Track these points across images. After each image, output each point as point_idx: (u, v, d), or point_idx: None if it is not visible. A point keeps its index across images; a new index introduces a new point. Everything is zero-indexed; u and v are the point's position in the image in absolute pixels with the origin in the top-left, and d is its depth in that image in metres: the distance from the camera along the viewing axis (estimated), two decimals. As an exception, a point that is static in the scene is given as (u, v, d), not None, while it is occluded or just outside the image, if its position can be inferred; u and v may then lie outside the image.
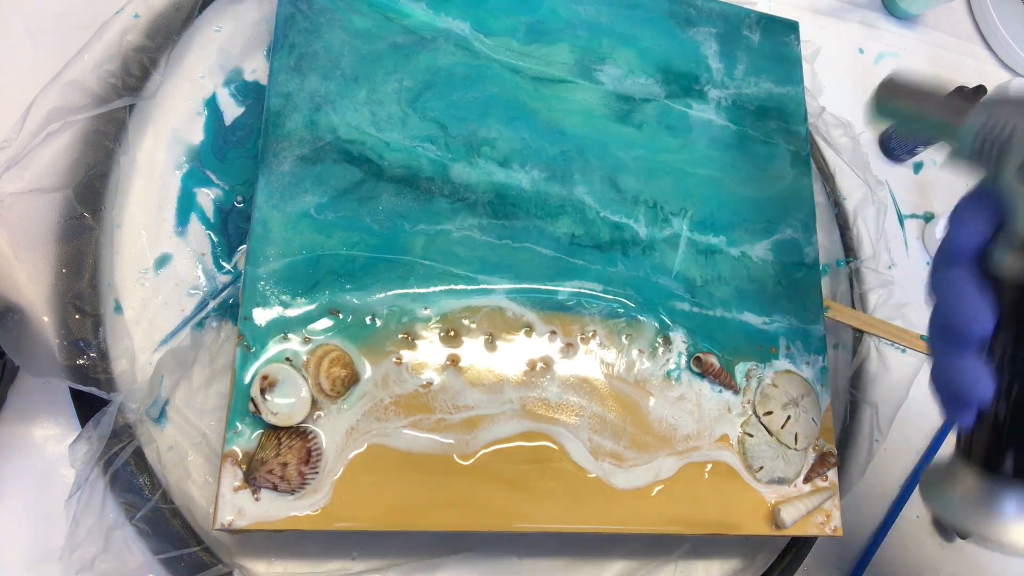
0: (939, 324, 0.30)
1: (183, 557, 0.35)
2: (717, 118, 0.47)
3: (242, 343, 0.35)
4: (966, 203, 0.29)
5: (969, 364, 0.28)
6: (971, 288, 0.28)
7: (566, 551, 0.41)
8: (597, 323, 0.40)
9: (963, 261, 0.29)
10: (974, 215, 0.29)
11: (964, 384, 0.29)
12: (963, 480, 0.30)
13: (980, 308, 0.28)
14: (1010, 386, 0.28)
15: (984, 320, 0.28)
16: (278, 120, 0.39)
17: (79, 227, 0.37)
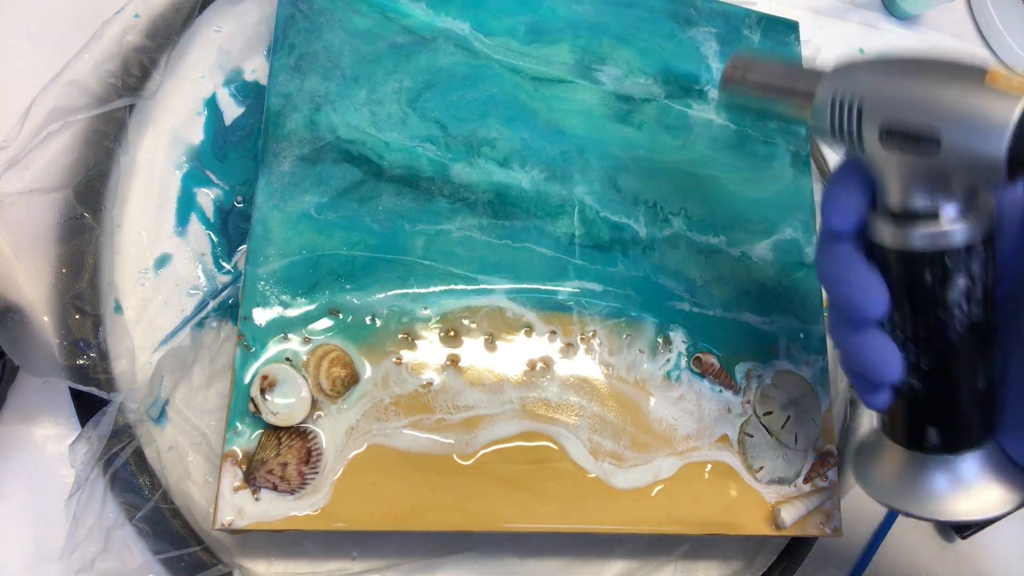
0: (835, 307, 0.29)
1: (183, 557, 0.35)
2: (717, 118, 0.47)
3: (242, 343, 0.35)
4: (837, 179, 0.28)
5: (873, 344, 0.28)
6: (859, 265, 0.27)
7: (566, 551, 0.41)
8: (597, 323, 0.40)
9: (845, 239, 0.28)
10: (847, 191, 0.27)
11: (872, 365, 0.28)
12: (889, 458, 0.30)
13: (872, 285, 0.27)
14: (918, 360, 0.28)
15: (878, 296, 0.27)
16: (278, 120, 0.39)
17: (79, 227, 0.37)
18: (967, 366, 0.27)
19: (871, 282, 0.27)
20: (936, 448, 0.28)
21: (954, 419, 0.28)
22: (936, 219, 0.25)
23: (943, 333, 0.27)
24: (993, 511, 0.28)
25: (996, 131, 0.23)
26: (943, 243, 0.25)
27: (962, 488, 0.28)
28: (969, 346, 0.27)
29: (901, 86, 0.25)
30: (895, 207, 0.26)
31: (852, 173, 0.27)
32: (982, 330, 0.27)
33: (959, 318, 0.26)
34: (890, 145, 0.25)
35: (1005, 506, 0.28)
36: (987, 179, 0.24)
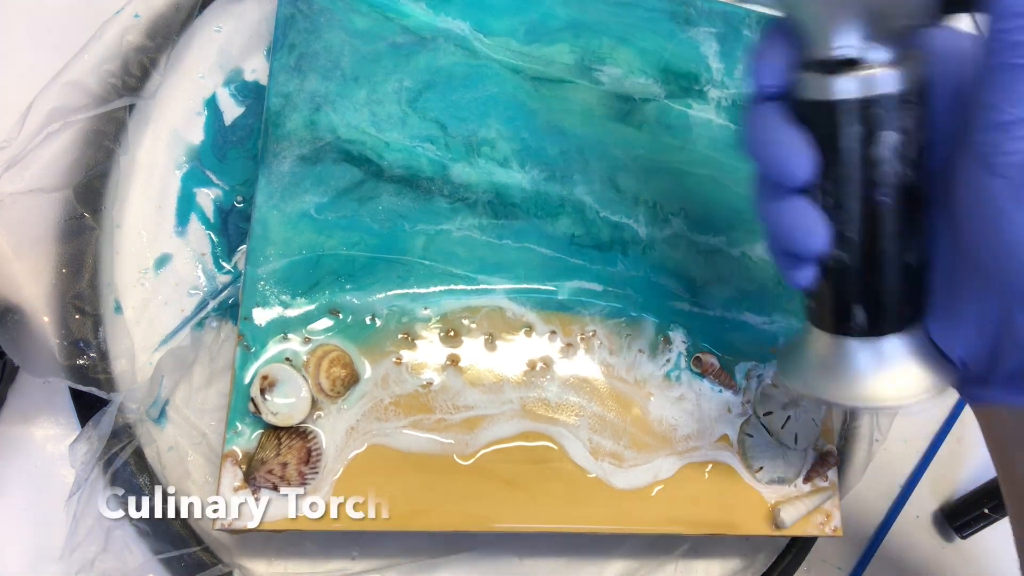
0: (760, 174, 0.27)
1: (183, 557, 0.35)
2: (717, 118, 0.47)
3: (242, 343, 0.35)
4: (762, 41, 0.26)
5: (798, 211, 0.26)
6: (784, 125, 0.25)
7: (566, 551, 0.41)
8: (597, 323, 0.40)
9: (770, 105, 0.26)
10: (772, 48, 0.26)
11: (796, 234, 0.26)
12: (814, 346, 0.29)
13: (797, 144, 0.25)
14: (845, 228, 0.26)
15: (804, 157, 0.25)
16: (278, 120, 0.39)
17: (79, 227, 0.37)
18: (896, 235, 0.26)
19: (795, 140, 0.25)
20: (862, 330, 0.27)
21: (881, 296, 0.26)
22: (862, 64, 0.24)
23: (872, 195, 0.25)
24: (914, 397, 0.26)
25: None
26: (869, 89, 0.24)
27: (885, 371, 0.27)
28: (899, 212, 0.25)
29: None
30: (821, 55, 0.24)
31: (778, 33, 0.26)
32: (913, 196, 0.25)
33: (889, 178, 0.25)
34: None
35: (926, 392, 0.26)
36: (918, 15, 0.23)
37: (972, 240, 0.23)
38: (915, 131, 0.25)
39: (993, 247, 0.22)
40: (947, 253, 0.26)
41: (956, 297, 0.26)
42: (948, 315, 0.26)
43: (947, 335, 0.26)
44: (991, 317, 0.24)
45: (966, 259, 0.25)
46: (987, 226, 0.22)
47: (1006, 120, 0.21)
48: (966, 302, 0.25)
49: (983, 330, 0.25)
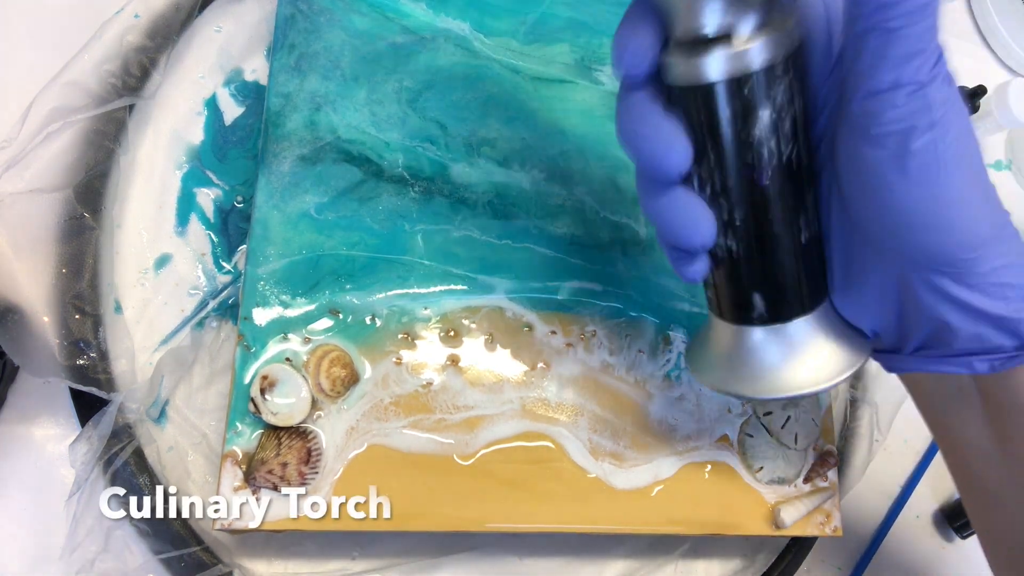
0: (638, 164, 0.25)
1: (183, 557, 0.35)
2: (717, 118, 0.47)
3: (242, 343, 0.35)
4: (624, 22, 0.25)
5: (679, 204, 0.24)
6: (654, 114, 0.24)
7: (566, 551, 0.41)
8: (597, 323, 0.40)
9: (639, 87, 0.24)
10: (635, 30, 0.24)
11: (681, 228, 0.25)
12: (718, 339, 0.27)
13: (669, 133, 0.24)
14: (731, 216, 0.24)
15: (677, 146, 0.23)
16: (278, 120, 0.39)
17: (79, 227, 0.37)
18: (784, 215, 0.24)
19: (668, 130, 0.24)
20: (764, 318, 0.25)
21: (777, 280, 0.25)
22: (729, 40, 0.22)
23: (753, 178, 0.24)
24: (833, 376, 0.25)
25: None
26: (738, 66, 0.22)
27: (796, 356, 0.25)
28: (784, 191, 0.24)
29: None
30: (685, 35, 0.23)
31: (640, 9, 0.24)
32: (797, 173, 0.24)
33: (769, 158, 0.23)
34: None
35: (845, 369, 0.25)
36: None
37: (861, 212, 0.23)
38: (791, 103, 0.23)
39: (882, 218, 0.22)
40: (840, 226, 0.25)
41: (855, 270, 0.25)
42: (850, 288, 0.25)
43: (853, 309, 0.25)
44: (891, 286, 0.24)
45: (858, 231, 0.24)
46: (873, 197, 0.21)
47: (882, 87, 0.20)
48: (866, 273, 0.24)
49: (886, 299, 0.24)
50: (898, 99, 0.20)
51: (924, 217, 0.21)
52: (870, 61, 0.20)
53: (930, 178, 0.20)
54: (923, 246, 0.22)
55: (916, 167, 0.20)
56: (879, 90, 0.20)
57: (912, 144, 0.20)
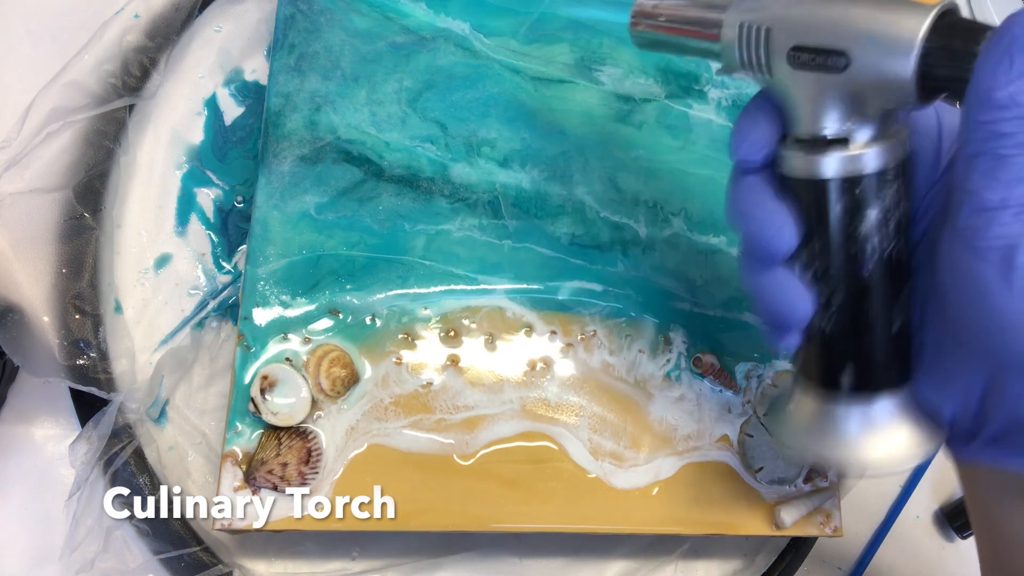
0: (745, 245, 0.27)
1: (183, 557, 0.35)
2: (717, 118, 0.47)
3: (242, 343, 0.35)
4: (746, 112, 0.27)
5: (781, 283, 0.26)
6: (766, 198, 0.26)
7: (566, 551, 0.41)
8: (597, 323, 0.40)
9: (754, 172, 0.26)
10: (755, 122, 0.26)
11: (779, 306, 0.26)
12: (804, 402, 0.29)
13: (779, 218, 0.26)
14: (830, 299, 0.26)
15: (786, 230, 0.26)
16: (278, 120, 0.39)
17: (79, 227, 0.37)
18: (880, 306, 0.26)
19: (778, 215, 0.26)
20: (848, 391, 0.27)
21: (867, 360, 0.27)
22: (846, 144, 0.24)
23: (855, 269, 0.25)
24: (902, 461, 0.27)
25: (904, 46, 0.22)
26: (853, 169, 0.24)
27: (873, 432, 0.27)
28: (882, 284, 0.26)
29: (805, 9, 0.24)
30: (805, 134, 0.25)
31: (762, 105, 0.26)
32: (896, 268, 0.26)
33: (871, 253, 0.25)
34: (798, 65, 0.24)
35: (913, 455, 0.26)
36: (899, 99, 0.23)
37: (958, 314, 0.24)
38: (897, 205, 0.25)
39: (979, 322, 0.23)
40: (934, 320, 0.26)
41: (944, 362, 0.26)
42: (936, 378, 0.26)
43: (935, 396, 0.26)
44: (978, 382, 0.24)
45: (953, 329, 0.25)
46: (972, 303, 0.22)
47: (989, 206, 0.21)
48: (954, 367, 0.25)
49: (971, 391, 0.25)
50: (1005, 218, 0.21)
51: None
52: (981, 181, 0.21)
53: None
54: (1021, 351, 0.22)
55: (1020, 280, 0.21)
56: (988, 208, 0.21)
57: (1017, 260, 0.21)
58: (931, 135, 0.26)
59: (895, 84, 0.22)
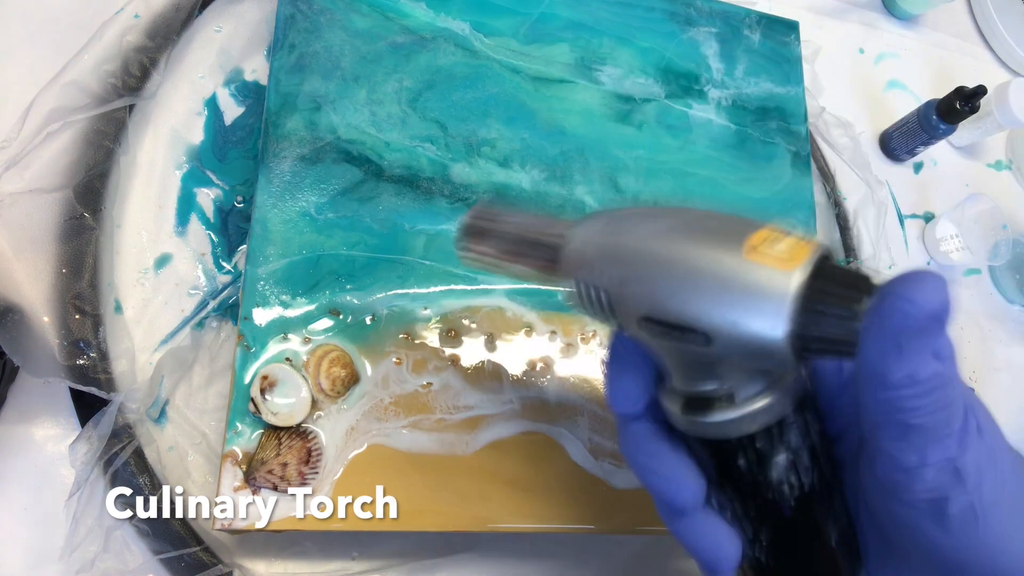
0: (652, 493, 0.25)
1: (183, 557, 0.35)
2: (717, 118, 0.47)
3: (242, 343, 0.35)
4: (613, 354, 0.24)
5: (701, 526, 0.24)
6: (660, 446, 0.24)
7: (566, 551, 0.41)
8: (597, 323, 0.40)
9: (639, 425, 0.24)
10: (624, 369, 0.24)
11: (705, 550, 0.24)
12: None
13: (678, 473, 0.23)
14: (757, 534, 0.24)
15: (688, 482, 0.23)
16: (278, 120, 0.39)
17: (79, 227, 0.37)
18: (812, 531, 0.23)
19: (676, 468, 0.23)
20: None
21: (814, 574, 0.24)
22: (732, 402, 0.21)
23: (776, 511, 0.23)
24: None
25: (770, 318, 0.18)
26: (746, 428, 0.21)
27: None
28: (810, 512, 0.23)
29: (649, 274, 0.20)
30: (681, 392, 0.22)
31: (628, 350, 0.24)
32: (820, 491, 0.23)
33: (789, 493, 0.23)
34: (653, 333, 0.21)
35: None
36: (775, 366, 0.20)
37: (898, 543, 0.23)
38: (805, 438, 0.22)
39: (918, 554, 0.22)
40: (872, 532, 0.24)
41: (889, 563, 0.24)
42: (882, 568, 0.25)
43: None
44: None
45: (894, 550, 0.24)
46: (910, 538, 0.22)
47: (909, 466, 0.20)
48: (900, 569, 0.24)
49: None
50: (927, 475, 0.20)
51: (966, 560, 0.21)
52: (893, 445, 0.20)
53: (971, 531, 0.20)
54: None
55: (956, 525, 0.20)
56: (905, 468, 0.20)
57: (948, 509, 0.20)
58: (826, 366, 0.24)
59: (768, 353, 0.19)
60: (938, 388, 0.19)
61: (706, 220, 0.21)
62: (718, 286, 0.19)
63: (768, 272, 0.19)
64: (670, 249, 0.20)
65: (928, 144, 0.57)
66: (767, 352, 0.19)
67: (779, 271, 0.19)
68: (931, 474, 0.20)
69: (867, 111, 0.61)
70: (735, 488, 0.23)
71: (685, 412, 0.22)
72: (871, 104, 0.61)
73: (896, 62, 0.63)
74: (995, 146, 0.65)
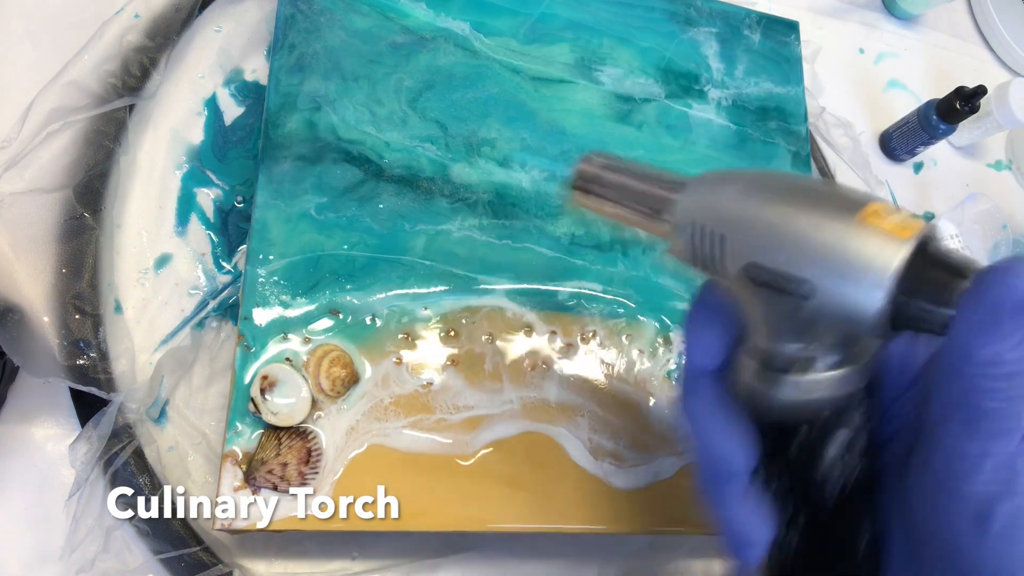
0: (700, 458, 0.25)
1: (183, 557, 0.35)
2: (717, 118, 0.47)
3: (242, 343, 0.35)
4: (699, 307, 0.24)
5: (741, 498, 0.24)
6: (723, 410, 0.24)
7: (566, 551, 0.41)
8: (597, 323, 0.40)
9: (710, 377, 0.24)
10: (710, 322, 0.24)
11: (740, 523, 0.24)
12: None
13: (738, 434, 0.24)
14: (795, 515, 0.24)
15: (744, 449, 0.24)
16: (278, 120, 0.39)
17: (79, 227, 0.37)
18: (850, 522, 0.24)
19: (735, 432, 0.24)
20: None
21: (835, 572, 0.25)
22: (809, 368, 0.22)
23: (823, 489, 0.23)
24: None
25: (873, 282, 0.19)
26: (818, 395, 0.22)
27: None
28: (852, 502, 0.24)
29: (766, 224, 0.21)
30: (763, 351, 0.23)
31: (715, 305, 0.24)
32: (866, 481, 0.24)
33: (840, 472, 0.23)
34: (756, 282, 0.22)
35: None
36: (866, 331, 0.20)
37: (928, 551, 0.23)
38: (865, 425, 0.23)
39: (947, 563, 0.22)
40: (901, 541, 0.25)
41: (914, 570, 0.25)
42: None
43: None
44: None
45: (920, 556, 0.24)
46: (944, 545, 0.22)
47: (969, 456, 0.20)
48: None
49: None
50: (984, 469, 0.20)
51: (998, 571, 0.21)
52: (959, 429, 0.20)
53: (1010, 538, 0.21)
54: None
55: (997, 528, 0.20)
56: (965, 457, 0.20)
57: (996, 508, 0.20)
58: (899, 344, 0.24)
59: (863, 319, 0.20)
60: (1019, 375, 0.19)
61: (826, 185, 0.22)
62: (830, 242, 0.20)
63: (878, 239, 0.20)
64: (789, 202, 0.21)
65: (928, 144, 0.57)
66: (862, 316, 0.20)
67: (889, 240, 0.19)
68: (989, 466, 0.20)
69: (867, 111, 0.61)
70: (787, 462, 0.24)
71: (762, 369, 0.23)
72: (871, 104, 0.61)
73: (896, 62, 0.63)
74: (995, 146, 0.65)
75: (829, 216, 0.20)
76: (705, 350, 0.24)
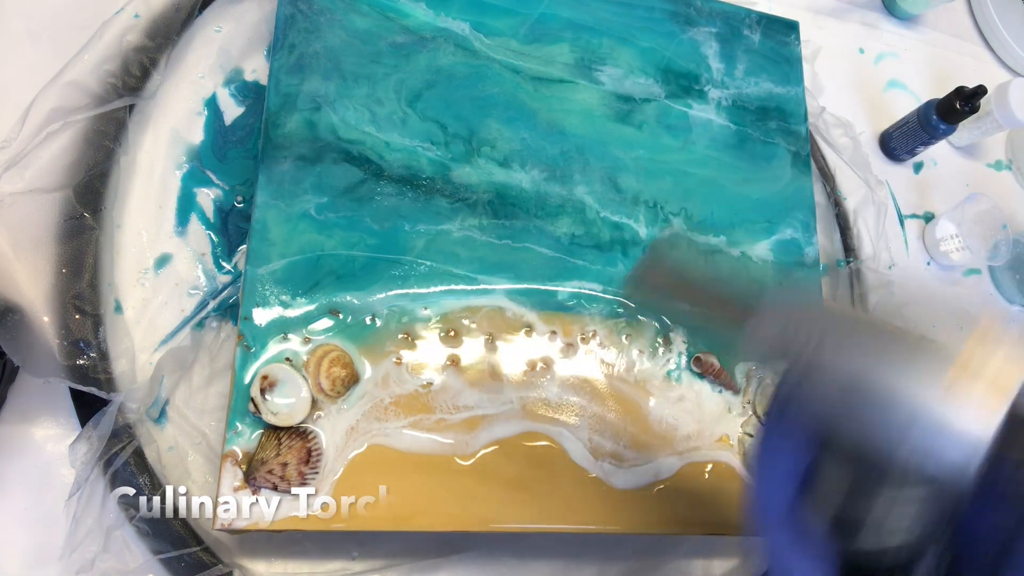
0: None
1: (183, 557, 0.35)
2: (717, 118, 0.47)
3: (242, 343, 0.35)
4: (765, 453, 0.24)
5: None
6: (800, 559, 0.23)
7: (566, 551, 0.41)
8: (597, 323, 0.40)
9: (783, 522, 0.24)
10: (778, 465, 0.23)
11: None
12: None
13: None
14: None
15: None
16: (278, 120, 0.39)
17: (79, 227, 0.37)
18: None
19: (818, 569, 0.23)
20: None
21: None
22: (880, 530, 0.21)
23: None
24: None
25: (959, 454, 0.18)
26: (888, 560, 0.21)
27: None
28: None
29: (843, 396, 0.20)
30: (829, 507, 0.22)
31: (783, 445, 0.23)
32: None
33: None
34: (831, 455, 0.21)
35: None
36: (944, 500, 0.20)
37: None
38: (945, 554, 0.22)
39: None
40: None
41: None
42: None
43: None
44: None
45: None
46: None
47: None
48: None
49: None
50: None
51: None
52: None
53: None
54: None
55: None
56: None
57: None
58: None
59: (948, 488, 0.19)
60: None
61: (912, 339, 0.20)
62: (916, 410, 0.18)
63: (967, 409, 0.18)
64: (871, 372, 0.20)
65: (928, 144, 0.57)
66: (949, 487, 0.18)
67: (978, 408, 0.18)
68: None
69: (867, 111, 0.60)
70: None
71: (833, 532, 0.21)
72: (871, 104, 0.61)
73: (896, 62, 0.63)
74: (995, 146, 0.65)
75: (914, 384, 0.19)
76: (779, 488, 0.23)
